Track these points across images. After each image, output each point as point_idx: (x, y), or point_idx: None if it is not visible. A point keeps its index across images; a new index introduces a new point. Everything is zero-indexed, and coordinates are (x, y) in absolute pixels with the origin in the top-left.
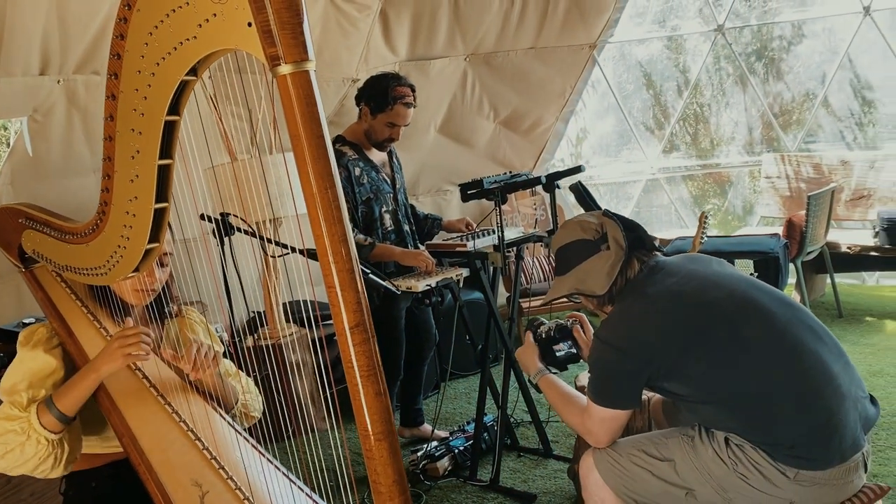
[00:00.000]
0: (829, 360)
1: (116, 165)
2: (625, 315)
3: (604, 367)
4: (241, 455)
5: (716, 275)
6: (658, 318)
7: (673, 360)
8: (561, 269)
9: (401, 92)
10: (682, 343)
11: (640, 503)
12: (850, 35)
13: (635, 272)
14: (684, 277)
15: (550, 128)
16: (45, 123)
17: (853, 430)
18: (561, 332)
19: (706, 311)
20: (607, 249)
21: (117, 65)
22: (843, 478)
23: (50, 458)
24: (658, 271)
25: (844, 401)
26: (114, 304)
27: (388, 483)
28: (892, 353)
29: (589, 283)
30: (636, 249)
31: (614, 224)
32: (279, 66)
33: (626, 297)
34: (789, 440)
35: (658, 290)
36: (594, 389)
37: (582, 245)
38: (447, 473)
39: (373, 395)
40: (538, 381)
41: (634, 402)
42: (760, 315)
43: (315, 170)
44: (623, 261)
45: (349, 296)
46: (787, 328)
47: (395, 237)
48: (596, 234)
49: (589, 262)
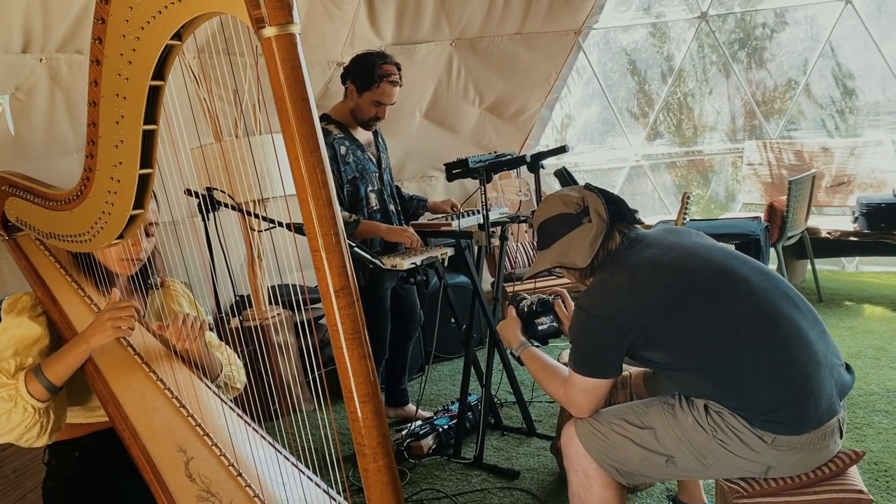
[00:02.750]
0: (805, 327)
1: (101, 131)
2: (606, 285)
3: (585, 337)
4: (226, 423)
5: (695, 245)
6: (638, 287)
7: (653, 328)
8: (543, 244)
9: (387, 70)
10: (662, 311)
11: (621, 471)
12: (831, 23)
13: (616, 244)
14: (664, 248)
15: (535, 114)
16: (27, 102)
17: (829, 396)
18: (543, 306)
19: (686, 279)
20: (589, 222)
21: (101, 29)
22: (819, 443)
23: (36, 426)
24: (638, 243)
25: (820, 367)
26: (98, 274)
27: (373, 445)
28: (870, 336)
29: (571, 256)
30: (617, 222)
31: (596, 197)
32: (264, 28)
33: (607, 268)
34: (766, 405)
35: (638, 260)
36: (576, 359)
37: (563, 219)
38: (431, 452)
39: (357, 357)
40: (521, 353)
41: (615, 371)
42: (738, 283)
43: (300, 132)
44: (605, 233)
45: (334, 259)
46: (764, 296)
47: (381, 217)
48: (577, 207)
49: (570, 235)
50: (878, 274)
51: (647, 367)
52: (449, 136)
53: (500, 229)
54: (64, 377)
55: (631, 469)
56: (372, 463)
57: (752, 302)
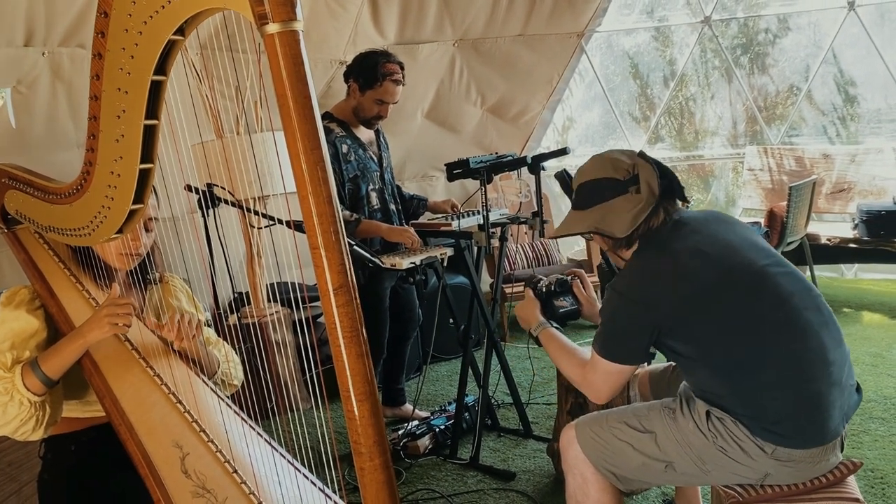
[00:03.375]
0: (830, 346)
1: (102, 125)
2: (646, 269)
3: (617, 320)
4: (223, 420)
5: (739, 240)
6: (680, 277)
7: (685, 319)
8: (581, 204)
9: (390, 69)
10: (699, 305)
11: (619, 476)
12: (834, 30)
13: (659, 222)
14: (709, 238)
15: (537, 115)
16: (28, 95)
17: (836, 417)
18: (561, 286)
19: (726, 277)
20: (636, 193)
21: (104, 23)
22: (819, 457)
23: (31, 419)
24: (683, 226)
25: (834, 387)
26: (97, 268)
27: (369, 444)
28: (868, 343)
29: (609, 224)
30: (666, 198)
31: (650, 168)
32: (267, 24)
33: (648, 249)
34: (774, 416)
35: (682, 248)
36: (603, 342)
37: (610, 183)
38: (427, 452)
39: (355, 356)
40: (539, 333)
41: (640, 358)
42: (775, 290)
43: (301, 129)
44: (652, 208)
45: (333, 257)
46: (798, 308)
47: (381, 216)
48: (626, 174)
49: (614, 202)
50: (876, 281)
51: (667, 356)
52: (450, 136)
53: (499, 230)
54: (60, 371)
55: (629, 475)
56: (368, 462)
57: (784, 312)
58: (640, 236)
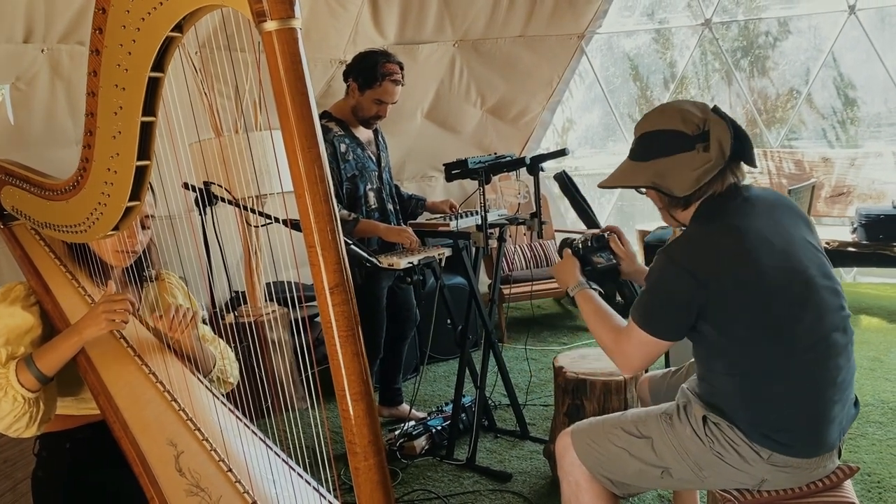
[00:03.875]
0: (843, 367)
1: (98, 121)
2: (709, 241)
3: (663, 288)
4: (218, 418)
5: (800, 238)
6: (742, 258)
7: (731, 304)
8: (640, 155)
9: (389, 69)
10: (748, 294)
11: (616, 482)
12: (834, 33)
13: (723, 188)
14: (775, 226)
15: (537, 117)
16: (27, 92)
17: (835, 432)
18: (598, 241)
19: (782, 276)
20: (704, 151)
21: (102, 19)
22: (816, 464)
23: (25, 416)
24: (752, 205)
25: (837, 403)
26: (94, 265)
27: (364, 443)
28: (866, 347)
29: (669, 181)
30: (735, 161)
31: (724, 126)
32: (265, 22)
33: (713, 221)
34: (776, 424)
35: (749, 228)
36: (643, 311)
37: (676, 136)
38: (424, 452)
39: (351, 355)
40: (576, 293)
41: (677, 334)
42: (820, 307)
43: (298, 127)
44: (719, 170)
45: (329, 256)
46: (829, 329)
47: (379, 215)
48: (696, 129)
49: (677, 157)
50: (875, 285)
51: (689, 335)
52: (450, 136)
53: (498, 231)
54: (55, 368)
55: (625, 480)
56: (363, 461)
57: (818, 331)
58: (704, 202)
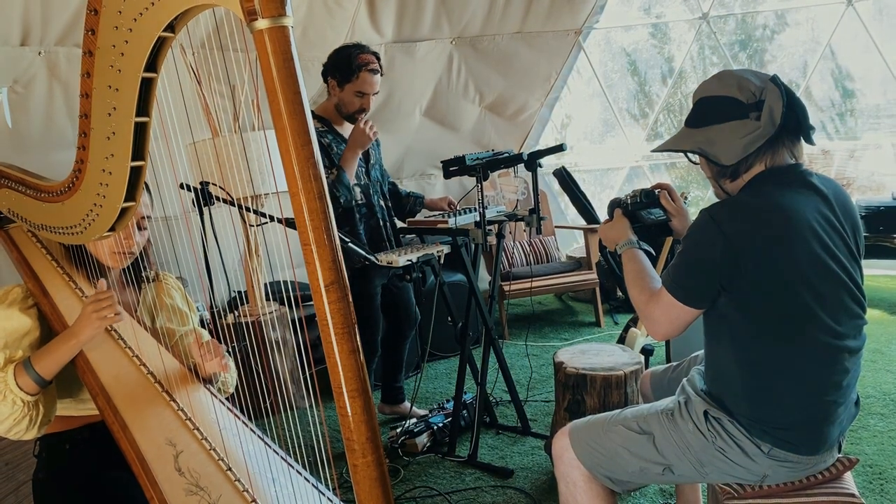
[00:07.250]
0: (851, 371)
1: (93, 122)
2: (756, 210)
3: (696, 252)
4: (217, 418)
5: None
6: (780, 239)
7: (755, 281)
8: (694, 121)
9: (364, 59)
10: (775, 277)
11: (616, 479)
12: (832, 25)
13: (776, 162)
14: (822, 220)
15: (535, 113)
16: (25, 95)
17: (836, 431)
18: (648, 197)
19: (811, 270)
20: (756, 120)
21: (94, 20)
22: (816, 460)
23: (25, 419)
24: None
25: (840, 406)
26: (91, 267)
27: (362, 440)
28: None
29: (717, 148)
30: (789, 134)
31: (778, 95)
32: (256, 20)
33: (762, 194)
34: (780, 421)
35: (796, 211)
36: (674, 274)
37: (730, 103)
38: (426, 449)
39: (347, 352)
40: (623, 251)
41: (703, 302)
42: (842, 311)
43: (291, 126)
44: (768, 139)
45: (324, 253)
46: (846, 335)
47: (366, 210)
48: (751, 97)
49: (728, 125)
50: (875, 277)
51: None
52: (449, 134)
53: (496, 227)
54: (54, 371)
55: (626, 478)
56: (361, 458)
57: (831, 333)
58: (759, 175)
